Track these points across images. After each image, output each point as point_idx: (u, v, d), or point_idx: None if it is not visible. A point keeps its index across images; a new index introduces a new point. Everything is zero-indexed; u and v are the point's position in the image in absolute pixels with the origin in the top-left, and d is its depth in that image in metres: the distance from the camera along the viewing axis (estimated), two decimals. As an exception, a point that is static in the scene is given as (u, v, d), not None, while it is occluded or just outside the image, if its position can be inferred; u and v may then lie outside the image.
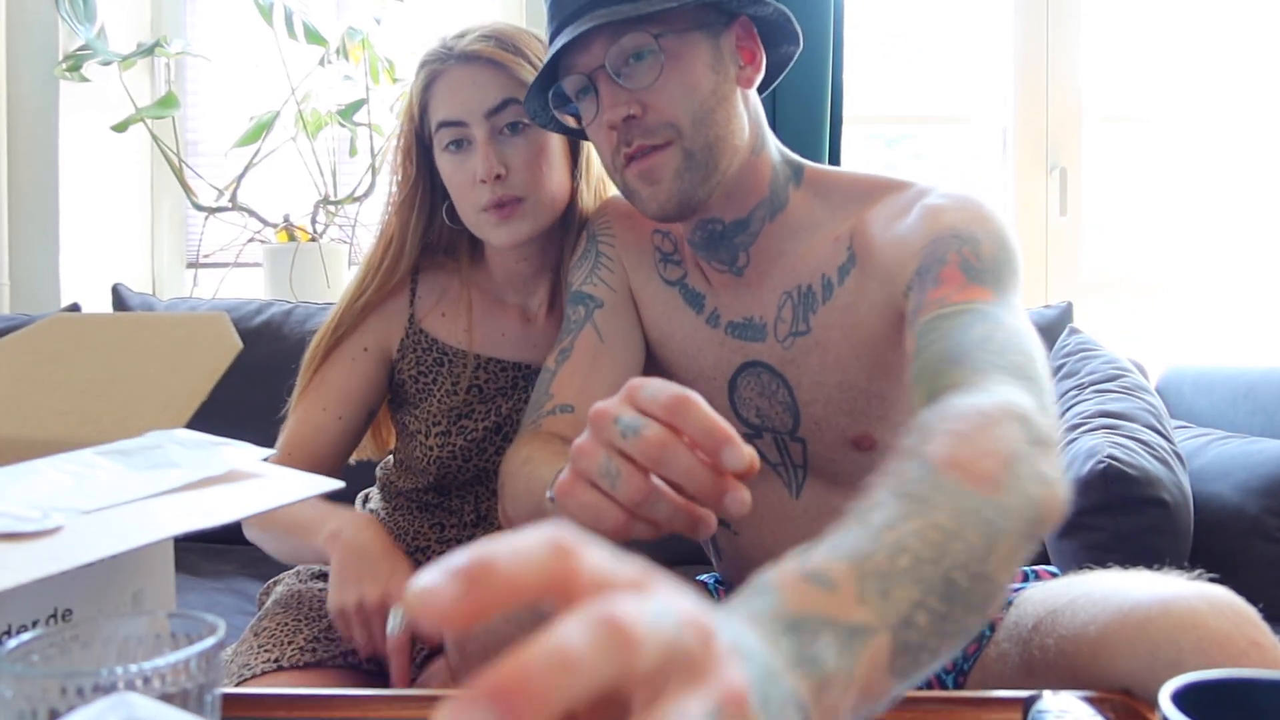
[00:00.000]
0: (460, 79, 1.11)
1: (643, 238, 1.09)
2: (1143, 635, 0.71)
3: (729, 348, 1.02)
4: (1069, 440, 1.54)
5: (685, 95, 0.92)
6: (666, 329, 1.06)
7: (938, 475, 0.57)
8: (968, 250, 0.85)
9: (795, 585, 0.47)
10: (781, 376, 0.99)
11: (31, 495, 0.73)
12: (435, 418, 1.20)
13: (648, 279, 1.08)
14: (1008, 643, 0.88)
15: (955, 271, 0.84)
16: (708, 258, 1.02)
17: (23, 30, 2.21)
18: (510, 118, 1.10)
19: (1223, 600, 0.72)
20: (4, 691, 0.47)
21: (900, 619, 0.48)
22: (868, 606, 0.47)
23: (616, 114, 0.92)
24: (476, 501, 1.23)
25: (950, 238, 0.86)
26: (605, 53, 0.92)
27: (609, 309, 1.06)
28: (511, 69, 1.09)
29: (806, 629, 0.43)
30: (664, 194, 0.93)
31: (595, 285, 1.07)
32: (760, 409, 1.02)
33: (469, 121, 1.10)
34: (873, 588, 0.48)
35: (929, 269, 0.85)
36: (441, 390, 1.19)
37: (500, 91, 1.09)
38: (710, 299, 1.04)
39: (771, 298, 1.00)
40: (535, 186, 1.11)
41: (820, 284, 0.96)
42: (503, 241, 1.12)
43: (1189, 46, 2.22)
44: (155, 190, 2.43)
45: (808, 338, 0.97)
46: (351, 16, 2.32)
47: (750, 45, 0.97)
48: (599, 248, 1.10)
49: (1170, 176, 2.24)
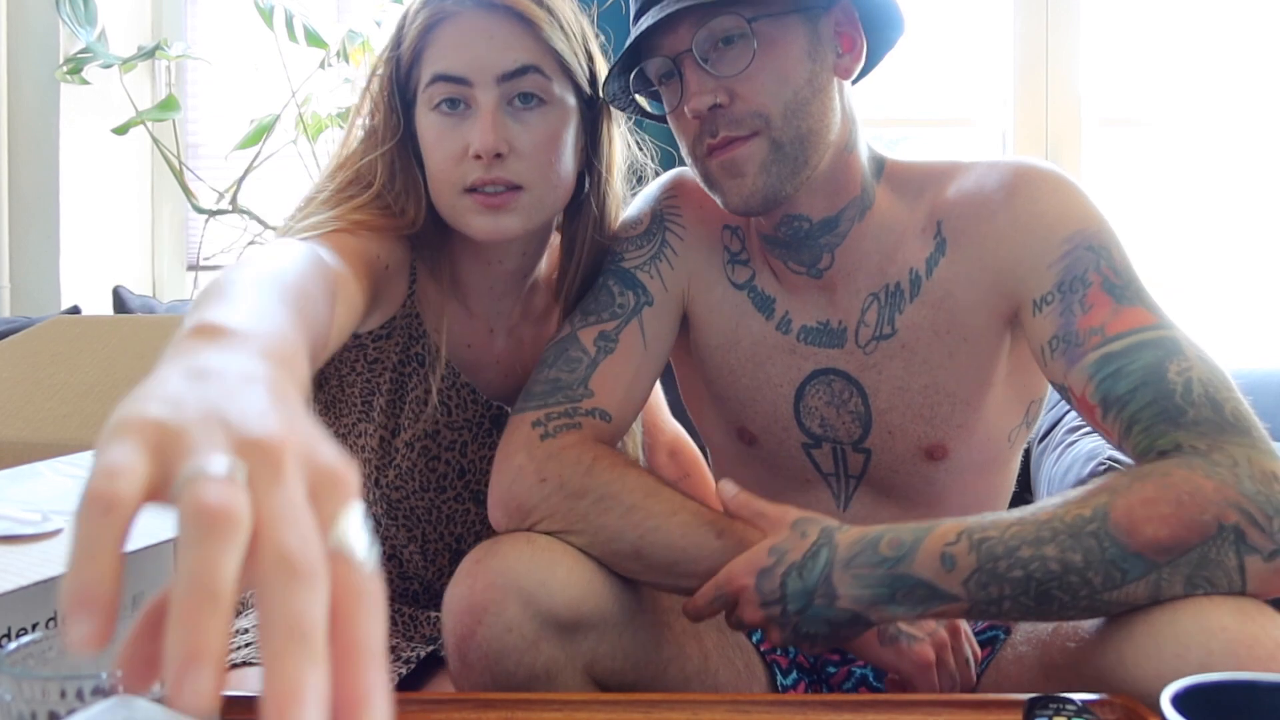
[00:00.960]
0: (474, 28, 0.91)
1: (712, 233, 1.01)
2: (1171, 639, 0.71)
3: (799, 355, 0.97)
4: (1069, 443, 1.54)
5: (778, 84, 0.86)
6: (732, 335, 0.99)
7: (1105, 526, 0.73)
8: (1106, 267, 0.84)
9: (930, 554, 0.75)
10: (857, 384, 0.95)
11: (31, 498, 0.73)
12: (406, 421, 1.02)
13: (714, 282, 1.00)
14: (1025, 645, 0.88)
15: (1101, 295, 0.83)
16: (785, 258, 0.96)
17: (23, 33, 2.22)
18: (527, 87, 0.91)
19: (1249, 603, 0.72)
20: (3, 694, 0.47)
21: (984, 599, 0.75)
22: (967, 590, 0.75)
23: (702, 102, 0.86)
24: (423, 543, 1.07)
25: (1084, 251, 0.85)
26: (692, 36, 0.86)
27: (656, 310, 0.98)
28: (540, 28, 0.91)
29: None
30: (748, 188, 0.88)
31: (651, 277, 0.98)
32: (825, 418, 0.97)
33: (475, 81, 0.91)
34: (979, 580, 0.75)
35: (1072, 289, 0.84)
36: (415, 394, 1.02)
37: (523, 54, 0.91)
38: (781, 302, 0.98)
39: (855, 301, 0.95)
40: (540, 177, 0.92)
41: (909, 280, 0.92)
42: (483, 234, 0.93)
43: (1188, 49, 2.22)
44: (156, 193, 2.43)
45: (892, 340, 0.93)
46: (352, 19, 2.33)
47: (851, 31, 0.91)
48: (666, 235, 1.00)
49: (1170, 179, 2.24)
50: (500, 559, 0.82)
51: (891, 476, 0.97)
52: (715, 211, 1.00)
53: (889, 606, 0.76)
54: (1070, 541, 0.73)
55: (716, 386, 1.02)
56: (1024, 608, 0.75)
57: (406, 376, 1.02)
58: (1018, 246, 0.88)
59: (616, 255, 1.01)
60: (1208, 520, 0.72)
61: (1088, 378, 0.82)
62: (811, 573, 0.77)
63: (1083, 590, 0.73)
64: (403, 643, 1.07)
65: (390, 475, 1.04)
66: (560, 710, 0.74)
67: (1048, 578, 0.73)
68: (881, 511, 0.98)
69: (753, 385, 0.99)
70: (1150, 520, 0.72)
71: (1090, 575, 0.73)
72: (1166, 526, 0.72)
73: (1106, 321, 0.82)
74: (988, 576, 0.74)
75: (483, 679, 0.82)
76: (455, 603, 0.83)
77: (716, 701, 0.77)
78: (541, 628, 0.81)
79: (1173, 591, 0.72)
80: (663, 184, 1.04)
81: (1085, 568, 0.73)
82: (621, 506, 0.85)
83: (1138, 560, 0.72)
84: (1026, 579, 0.74)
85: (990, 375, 0.92)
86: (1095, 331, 0.82)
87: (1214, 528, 0.72)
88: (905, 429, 0.95)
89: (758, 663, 0.97)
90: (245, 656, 0.96)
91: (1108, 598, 0.73)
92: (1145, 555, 0.72)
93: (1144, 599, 0.73)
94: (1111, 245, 0.86)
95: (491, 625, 0.80)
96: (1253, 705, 0.55)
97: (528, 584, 0.81)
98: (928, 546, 0.76)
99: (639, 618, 0.88)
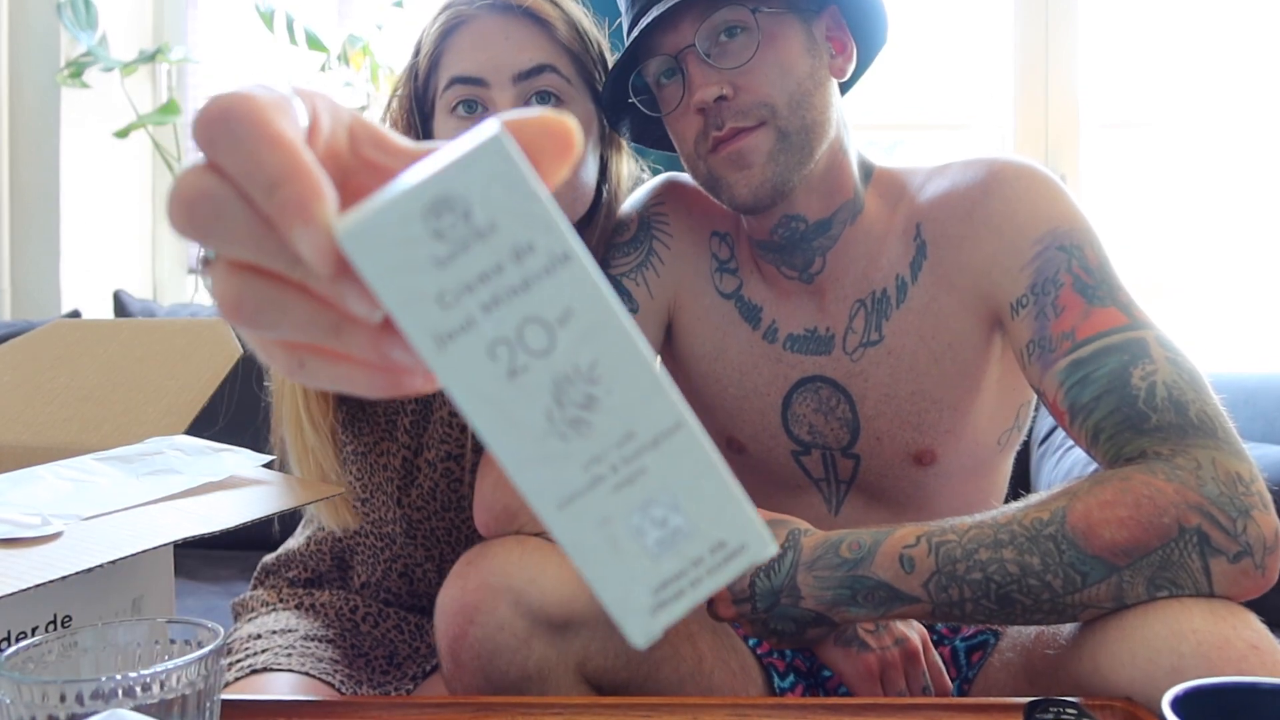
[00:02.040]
0: (491, 30, 0.92)
1: (700, 241, 1.00)
2: (1142, 643, 0.71)
3: (786, 363, 0.97)
4: (1069, 446, 1.54)
5: (781, 75, 0.87)
6: (719, 345, 0.99)
7: (1062, 529, 0.73)
8: (1077, 266, 0.84)
9: (889, 557, 0.77)
10: (844, 390, 0.95)
11: (32, 501, 0.73)
12: (430, 441, 1.04)
13: (701, 291, 1.00)
14: (1011, 651, 0.89)
15: (1072, 296, 0.83)
16: (778, 263, 0.96)
17: (25, 37, 2.22)
18: (544, 85, 0.92)
19: (1221, 605, 0.72)
20: (3, 698, 0.47)
21: (946, 601, 0.75)
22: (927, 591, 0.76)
23: (707, 94, 0.85)
24: (440, 561, 1.06)
25: (1055, 252, 0.85)
26: (695, 31, 0.86)
27: (642, 317, 0.98)
28: (556, 28, 0.92)
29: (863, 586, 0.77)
30: (756, 178, 0.87)
31: (637, 285, 0.98)
32: (814, 425, 0.97)
33: (492, 82, 0.91)
34: (939, 583, 0.75)
35: (1044, 291, 0.84)
36: (439, 415, 1.04)
37: (539, 53, 0.91)
38: (769, 311, 0.98)
39: (842, 307, 0.95)
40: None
41: (895, 286, 0.92)
42: None
43: (1188, 52, 2.22)
44: (156, 196, 2.43)
45: (879, 347, 0.94)
46: (353, 23, 2.33)
47: (840, 35, 0.92)
48: (654, 244, 1.00)
49: (1169, 182, 2.24)
50: (491, 559, 0.83)
51: (881, 481, 0.98)
52: (704, 218, 1.00)
53: (850, 608, 0.78)
54: (1028, 544, 0.74)
55: (703, 396, 1.02)
56: (987, 610, 0.75)
57: (433, 396, 1.01)
58: (991, 248, 0.88)
59: (604, 261, 1.00)
60: (1167, 523, 0.72)
61: (1058, 384, 0.82)
62: (778, 574, 0.80)
63: (1044, 594, 0.74)
64: (410, 655, 1.07)
65: (413, 495, 1.05)
66: (559, 714, 0.74)
67: (1006, 580, 0.74)
68: (873, 515, 0.99)
69: (740, 394, 0.99)
70: (1108, 523, 0.73)
71: (1049, 578, 0.73)
72: (1124, 529, 0.72)
73: (1077, 325, 0.82)
74: (947, 579, 0.75)
75: (475, 679, 0.82)
76: (447, 603, 0.84)
77: (717, 705, 0.78)
78: (533, 626, 0.81)
79: (1136, 594, 0.72)
80: (651, 189, 1.04)
81: (1044, 570, 0.73)
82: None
83: (1097, 563, 0.72)
84: (985, 581, 0.74)
85: (978, 381, 0.92)
86: (1066, 336, 0.82)
87: (1175, 530, 0.72)
88: (893, 435, 0.95)
89: (754, 665, 0.97)
90: (265, 663, 0.96)
91: (1070, 600, 0.73)
92: (1104, 558, 0.72)
93: (1108, 602, 0.73)
94: (1085, 243, 0.86)
95: (483, 625, 0.81)
96: (1254, 708, 0.55)
97: (518, 583, 0.81)
98: (886, 549, 0.77)
99: None
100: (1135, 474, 0.75)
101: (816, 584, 0.78)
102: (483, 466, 0.92)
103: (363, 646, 1.05)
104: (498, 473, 0.89)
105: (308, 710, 0.78)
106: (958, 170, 0.92)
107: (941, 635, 0.99)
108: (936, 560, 0.76)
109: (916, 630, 0.87)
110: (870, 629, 0.85)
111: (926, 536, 0.77)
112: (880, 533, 0.79)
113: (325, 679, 0.97)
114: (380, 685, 1.02)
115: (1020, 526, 0.75)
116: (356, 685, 0.99)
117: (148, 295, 2.39)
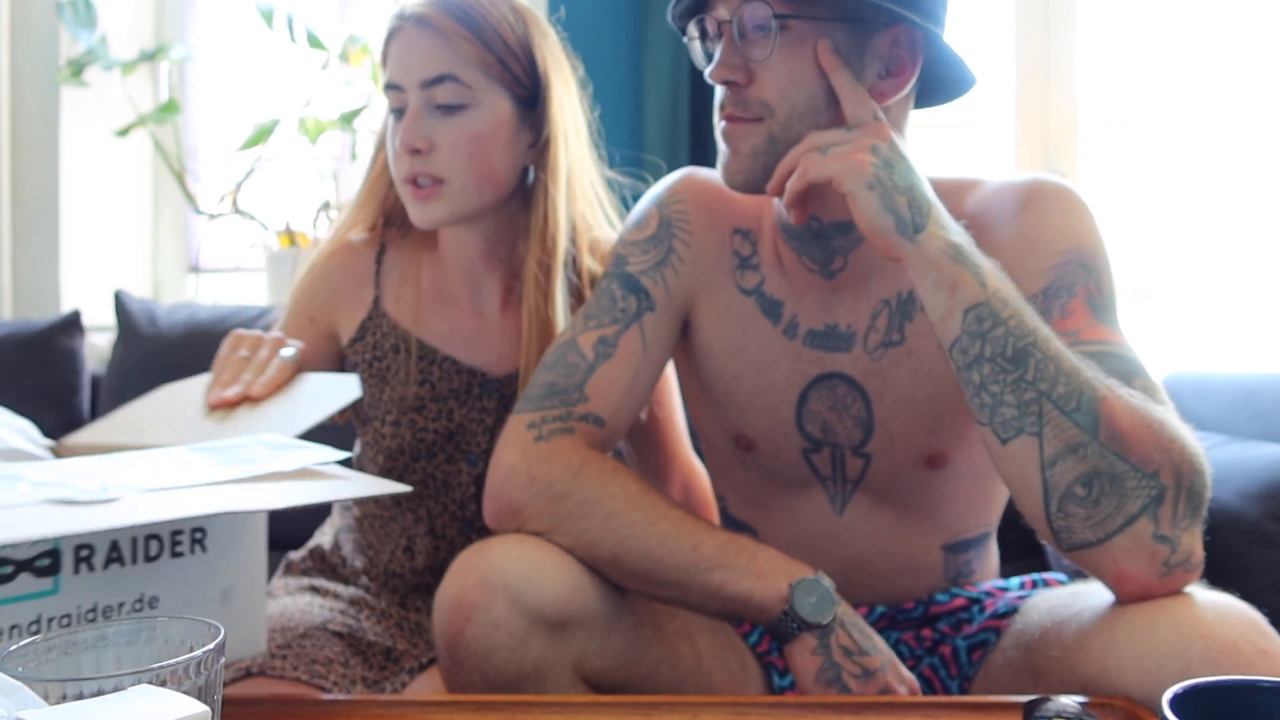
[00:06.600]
0: (408, 41, 1.04)
1: (721, 239, 1.01)
2: (1150, 647, 0.71)
3: (805, 359, 0.97)
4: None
5: (792, 84, 0.87)
6: (739, 341, 0.99)
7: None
8: (1093, 285, 0.87)
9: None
10: (861, 389, 0.95)
11: (101, 474, 0.74)
12: (388, 406, 1.12)
13: (721, 288, 1.00)
14: (1014, 650, 0.88)
15: (1083, 306, 0.86)
16: (800, 251, 0.96)
17: (24, 36, 2.22)
18: (445, 97, 1.03)
19: (1229, 608, 0.72)
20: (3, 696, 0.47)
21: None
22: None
23: (720, 74, 0.88)
24: (430, 519, 1.14)
25: (1077, 266, 0.87)
26: (732, 11, 0.88)
27: (658, 315, 0.98)
28: (455, 43, 1.02)
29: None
30: (735, 165, 0.91)
31: (656, 283, 0.98)
32: (827, 423, 0.97)
33: (405, 87, 1.04)
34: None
35: (1056, 295, 0.87)
36: (396, 379, 1.12)
37: (440, 65, 1.02)
38: (790, 305, 0.98)
39: (866, 305, 0.95)
40: (460, 171, 1.04)
41: None
42: (419, 221, 1.06)
43: (1187, 53, 2.22)
44: (157, 196, 2.43)
45: (900, 348, 0.94)
46: (353, 23, 2.33)
47: (903, 56, 0.89)
48: (674, 242, 1.00)
49: (1169, 181, 2.24)
50: (489, 558, 0.84)
51: (890, 482, 0.97)
52: (725, 215, 1.00)
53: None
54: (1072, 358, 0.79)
55: (717, 392, 1.01)
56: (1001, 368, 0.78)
57: (385, 369, 1.13)
58: (1017, 252, 0.89)
59: (621, 258, 1.00)
60: (1159, 459, 0.74)
61: None
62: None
63: (1049, 366, 0.77)
64: (409, 650, 1.07)
65: (381, 460, 1.12)
66: (558, 713, 0.74)
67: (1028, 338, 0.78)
68: (877, 515, 0.99)
69: (755, 391, 0.98)
70: (1131, 415, 0.75)
71: (1061, 377, 0.77)
72: (1140, 429, 0.75)
73: (1081, 328, 0.84)
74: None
75: (473, 677, 0.82)
76: (445, 601, 0.84)
77: (716, 703, 0.78)
78: (530, 625, 0.81)
79: (1077, 444, 0.75)
80: (670, 184, 1.03)
81: (1066, 370, 0.77)
82: (602, 512, 0.86)
83: (1090, 418, 0.75)
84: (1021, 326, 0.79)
85: None
86: (1069, 334, 0.83)
87: (1156, 467, 0.73)
88: (907, 436, 0.95)
89: (753, 664, 0.97)
90: (261, 666, 0.98)
91: (1056, 396, 0.76)
92: (1111, 445, 0.74)
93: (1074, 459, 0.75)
94: (1103, 269, 0.88)
95: (480, 623, 0.81)
96: (1253, 706, 0.55)
97: (515, 581, 0.82)
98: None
99: (628, 617, 0.89)
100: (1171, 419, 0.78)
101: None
102: (494, 460, 0.93)
103: (364, 640, 1.07)
104: (508, 465, 0.90)
105: (308, 710, 0.78)
106: (1000, 185, 0.94)
107: (943, 634, 0.99)
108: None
109: (907, 684, 0.85)
110: (856, 673, 0.83)
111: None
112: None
113: (316, 683, 0.97)
114: (376, 684, 1.02)
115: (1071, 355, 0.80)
116: (351, 685, 1.00)
117: (148, 294, 2.39)
